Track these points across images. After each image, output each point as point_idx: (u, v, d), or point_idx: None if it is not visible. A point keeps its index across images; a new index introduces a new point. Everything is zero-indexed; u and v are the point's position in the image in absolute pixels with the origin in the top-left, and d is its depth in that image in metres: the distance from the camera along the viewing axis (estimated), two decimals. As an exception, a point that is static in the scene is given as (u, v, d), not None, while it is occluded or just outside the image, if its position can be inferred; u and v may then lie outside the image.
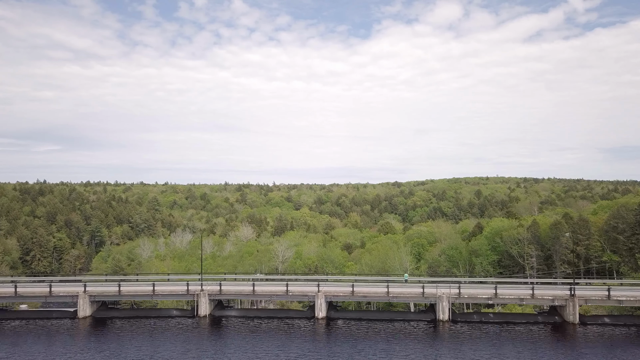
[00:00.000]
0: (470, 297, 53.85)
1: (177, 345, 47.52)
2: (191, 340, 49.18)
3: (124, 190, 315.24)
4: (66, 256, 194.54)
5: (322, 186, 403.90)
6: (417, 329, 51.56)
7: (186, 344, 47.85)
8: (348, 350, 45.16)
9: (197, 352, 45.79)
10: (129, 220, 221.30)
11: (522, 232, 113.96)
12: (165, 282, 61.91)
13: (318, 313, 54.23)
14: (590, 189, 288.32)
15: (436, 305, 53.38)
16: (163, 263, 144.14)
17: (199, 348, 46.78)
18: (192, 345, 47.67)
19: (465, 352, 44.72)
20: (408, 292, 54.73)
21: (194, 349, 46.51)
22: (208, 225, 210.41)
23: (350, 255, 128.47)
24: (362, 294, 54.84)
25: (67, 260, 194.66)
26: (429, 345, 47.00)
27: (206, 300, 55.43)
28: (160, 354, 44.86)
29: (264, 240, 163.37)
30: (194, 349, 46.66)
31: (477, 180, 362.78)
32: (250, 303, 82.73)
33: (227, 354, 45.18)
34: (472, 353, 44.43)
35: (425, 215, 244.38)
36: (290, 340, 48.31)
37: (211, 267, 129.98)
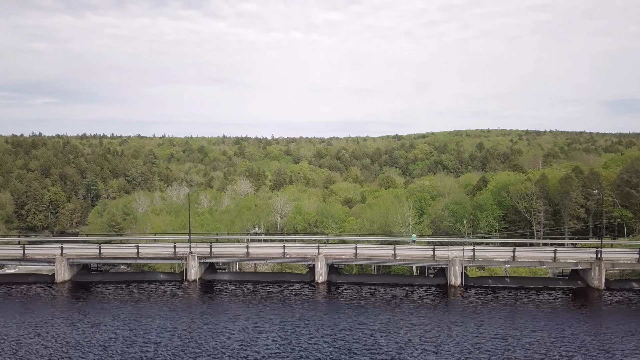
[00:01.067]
0: (486, 260, 48.63)
1: (163, 314, 42.69)
2: (178, 307, 44.29)
3: (121, 143, 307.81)
4: (62, 210, 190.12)
5: (321, 140, 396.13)
6: (427, 295, 46.62)
7: (173, 312, 43.02)
8: (350, 321, 40.32)
9: (185, 321, 40.98)
10: (125, 174, 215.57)
11: (529, 186, 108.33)
12: (152, 243, 56.49)
13: (318, 277, 49.16)
14: (594, 142, 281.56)
15: (447, 269, 48.21)
16: (159, 218, 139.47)
17: (187, 317, 41.96)
18: (179, 313, 42.82)
19: (480, 322, 39.91)
20: (417, 254, 49.44)
21: (182, 318, 41.69)
22: (205, 178, 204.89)
23: (351, 210, 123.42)
24: (366, 257, 49.55)
25: (63, 214, 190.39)
26: (440, 314, 42.15)
27: (195, 263, 50.20)
28: (144, 326, 40.02)
29: (262, 194, 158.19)
30: (182, 317, 41.83)
31: (479, 133, 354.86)
32: (243, 266, 78.19)
33: (217, 324, 40.36)
34: (487, 323, 39.64)
35: (426, 169, 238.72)
36: (287, 309, 43.42)
37: (208, 222, 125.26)
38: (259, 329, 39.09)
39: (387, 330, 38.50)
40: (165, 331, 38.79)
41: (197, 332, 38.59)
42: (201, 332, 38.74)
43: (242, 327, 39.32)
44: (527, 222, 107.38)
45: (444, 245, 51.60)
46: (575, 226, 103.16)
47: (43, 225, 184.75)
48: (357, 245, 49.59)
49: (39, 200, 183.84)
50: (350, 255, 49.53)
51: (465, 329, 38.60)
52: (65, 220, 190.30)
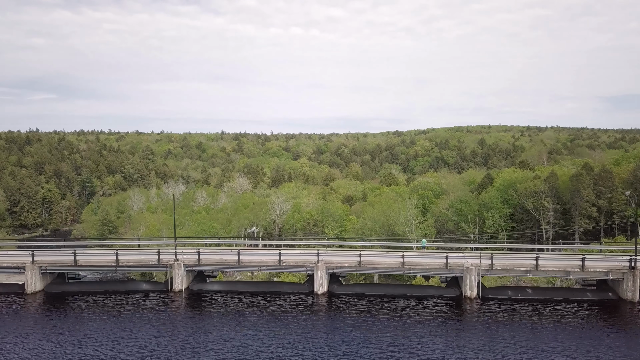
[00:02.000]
0: (505, 269, 43.17)
1: (143, 330, 37.45)
2: (161, 323, 38.99)
3: (118, 139, 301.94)
4: (56, 207, 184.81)
5: (321, 136, 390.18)
6: (439, 308, 41.22)
7: (155, 329, 37.71)
8: (354, 341, 35.04)
9: (167, 340, 35.57)
10: (121, 171, 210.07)
11: (538, 184, 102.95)
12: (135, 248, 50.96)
13: (318, 287, 43.73)
14: (596, 138, 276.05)
15: (462, 279, 42.76)
16: (154, 216, 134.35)
17: (169, 334, 36.60)
18: (161, 330, 37.48)
19: (500, 343, 34.63)
20: (428, 262, 43.97)
21: (164, 336, 36.32)
22: (203, 175, 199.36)
23: (352, 208, 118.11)
24: (371, 265, 44.07)
25: (57, 211, 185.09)
26: (454, 333, 36.81)
27: (182, 272, 44.74)
28: (120, 346, 34.66)
29: (260, 192, 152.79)
30: (164, 335, 36.49)
31: (480, 129, 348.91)
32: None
33: (204, 343, 34.96)
34: (509, 344, 34.39)
35: (427, 165, 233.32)
36: (283, 326, 38.09)
37: (204, 220, 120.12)
38: (251, 350, 33.76)
39: (394, 354, 33.15)
40: (144, 351, 33.51)
41: (180, 353, 33.27)
42: (185, 353, 33.39)
43: (231, 349, 33.94)
44: (535, 222, 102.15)
45: (457, 251, 46.10)
46: (587, 226, 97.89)
47: (37, 223, 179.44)
48: (362, 252, 44.12)
49: (32, 198, 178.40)
50: (354, 264, 44.07)
51: (484, 352, 33.28)
52: (59, 218, 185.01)
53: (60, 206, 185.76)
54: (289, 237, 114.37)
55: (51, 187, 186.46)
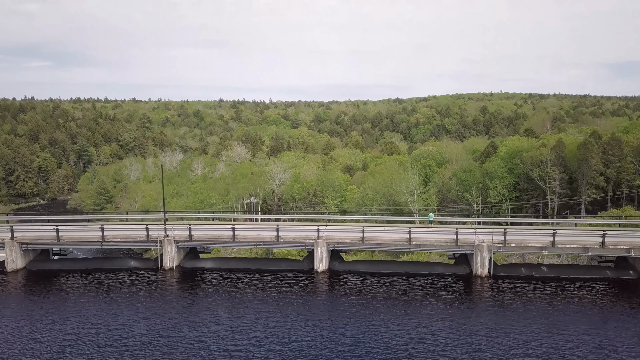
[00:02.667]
0: (519, 246, 39.95)
1: (130, 312, 34.59)
2: (152, 305, 36.07)
3: (114, 107, 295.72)
4: (52, 177, 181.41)
5: (320, 103, 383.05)
6: (448, 288, 38.25)
7: (145, 311, 34.83)
8: (356, 324, 32.23)
9: (158, 323, 32.79)
10: (117, 139, 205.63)
11: (545, 152, 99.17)
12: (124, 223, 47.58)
13: (318, 265, 40.64)
14: (600, 105, 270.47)
15: (473, 256, 39.63)
16: (150, 185, 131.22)
17: (161, 317, 33.75)
18: (152, 312, 34.61)
19: (515, 326, 31.80)
20: (436, 239, 40.72)
21: (155, 319, 33.47)
22: (201, 144, 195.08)
23: (352, 178, 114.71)
24: (374, 241, 40.83)
25: (54, 181, 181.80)
26: (464, 315, 33.90)
27: (172, 248, 41.55)
28: (109, 326, 31.91)
29: (258, 161, 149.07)
30: (155, 318, 33.61)
31: (481, 97, 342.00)
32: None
33: (196, 326, 32.20)
34: (524, 328, 31.55)
35: (428, 133, 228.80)
36: (281, 307, 35.29)
37: (202, 190, 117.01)
38: (246, 334, 30.94)
39: (400, 339, 30.33)
40: (130, 335, 30.75)
41: (170, 337, 30.47)
42: (175, 337, 30.60)
43: (224, 334, 31.14)
44: (540, 191, 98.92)
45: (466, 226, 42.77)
46: (594, 196, 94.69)
47: (33, 192, 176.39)
48: (365, 227, 40.80)
49: (28, 167, 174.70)
50: (356, 240, 40.83)
51: (496, 335, 30.50)
52: (56, 187, 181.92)
53: (57, 175, 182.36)
54: (288, 208, 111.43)
55: (47, 156, 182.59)
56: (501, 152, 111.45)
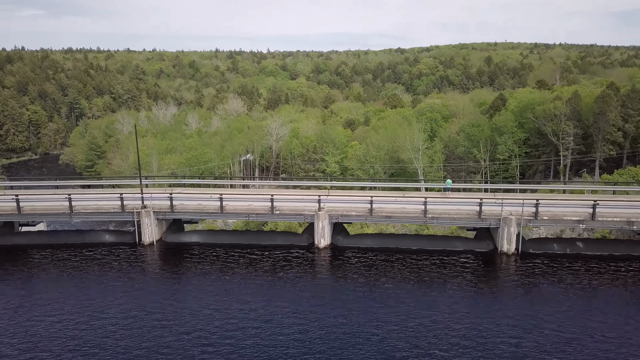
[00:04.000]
0: (552, 219, 34.06)
1: (104, 296, 29.52)
2: (128, 287, 31.01)
3: (107, 57, 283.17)
4: (44, 130, 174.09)
5: (319, 53, 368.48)
6: (468, 267, 32.80)
7: (120, 295, 29.84)
8: (360, 313, 27.03)
9: (136, 308, 27.79)
10: (110, 91, 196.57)
11: (559, 106, 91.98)
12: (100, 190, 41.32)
13: (319, 240, 34.93)
14: (608, 55, 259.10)
15: (497, 230, 33.84)
16: (143, 140, 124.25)
17: (139, 301, 28.72)
18: (128, 296, 29.55)
19: (546, 312, 26.68)
20: (456, 210, 34.76)
21: (132, 303, 28.47)
22: (196, 96, 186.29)
23: (354, 133, 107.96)
24: (384, 213, 34.88)
25: (45, 134, 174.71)
26: (487, 300, 28.85)
27: (152, 220, 35.67)
28: (77, 314, 26.86)
29: (255, 114, 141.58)
30: (131, 302, 28.59)
31: (485, 47, 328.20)
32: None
33: (179, 313, 27.18)
34: (557, 316, 26.29)
35: (431, 85, 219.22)
36: (276, 290, 30.35)
37: (196, 146, 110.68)
38: (236, 325, 25.82)
39: (413, 328, 25.22)
40: (104, 324, 25.76)
41: (149, 327, 25.43)
42: (155, 326, 25.52)
43: (209, 323, 26.11)
44: (552, 148, 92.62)
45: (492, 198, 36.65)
46: (610, 152, 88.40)
47: (24, 146, 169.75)
48: (373, 197, 34.70)
49: (17, 120, 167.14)
50: (363, 212, 34.89)
51: (525, 326, 25.62)
52: (48, 142, 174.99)
53: (48, 129, 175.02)
54: (287, 165, 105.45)
55: (37, 108, 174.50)
56: (511, 105, 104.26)
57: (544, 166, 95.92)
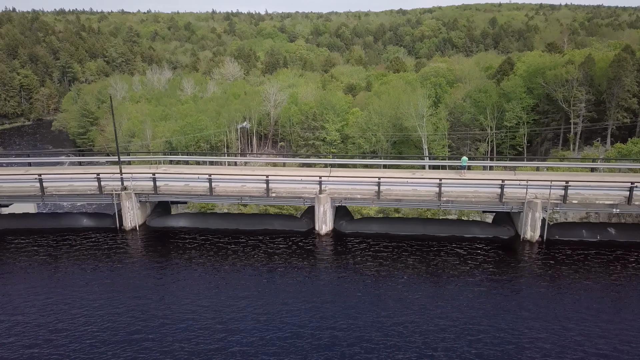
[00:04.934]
0: (583, 203, 30.00)
1: (79, 288, 25.88)
2: (107, 278, 27.28)
3: (100, 19, 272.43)
4: (36, 95, 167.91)
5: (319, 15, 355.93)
6: (487, 256, 28.94)
7: (98, 287, 26.13)
8: (366, 310, 23.53)
9: (115, 303, 24.24)
10: (103, 54, 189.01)
11: (572, 70, 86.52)
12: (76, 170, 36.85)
13: (320, 226, 31.00)
14: (617, 17, 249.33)
15: (519, 215, 29.89)
16: (137, 106, 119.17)
17: (119, 294, 25.20)
18: (107, 289, 25.90)
19: (576, 311, 23.19)
20: (474, 193, 30.65)
21: (111, 298, 24.77)
22: (192, 59, 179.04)
23: (355, 99, 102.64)
24: (394, 196, 30.80)
25: (37, 100, 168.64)
26: (508, 295, 25.48)
27: (133, 203, 31.61)
28: (48, 309, 23.36)
29: (253, 79, 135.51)
30: (111, 297, 24.92)
31: (489, 7, 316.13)
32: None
33: (164, 310, 23.66)
34: (588, 315, 22.79)
35: (434, 48, 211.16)
36: (271, 284, 26.39)
37: (191, 112, 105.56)
38: (225, 324, 22.41)
39: (424, 327, 21.83)
40: (79, 320, 22.32)
41: (131, 325, 21.96)
42: (135, 324, 22.03)
43: (193, 321, 22.55)
44: (562, 114, 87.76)
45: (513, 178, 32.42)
46: (624, 120, 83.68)
47: (17, 112, 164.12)
48: (381, 178, 30.47)
49: (8, 85, 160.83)
50: (370, 195, 30.79)
51: (551, 326, 22.13)
52: (41, 107, 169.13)
53: (40, 94, 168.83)
54: (285, 132, 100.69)
55: (27, 73, 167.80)
56: (520, 69, 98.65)
57: (552, 134, 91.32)
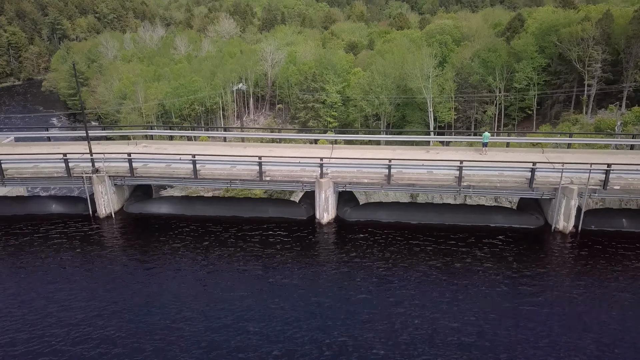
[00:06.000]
0: (626, 190, 25.60)
1: (47, 284, 22.78)
2: (78, 274, 24.00)
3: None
4: (25, 54, 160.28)
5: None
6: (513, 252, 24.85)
7: (69, 283, 23.15)
8: (375, 314, 20.82)
9: (89, 302, 20.91)
10: (94, 10, 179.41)
11: (588, 28, 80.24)
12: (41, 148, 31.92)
13: (321, 214, 26.74)
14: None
15: (552, 203, 25.60)
16: (128, 66, 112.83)
17: (92, 293, 21.87)
18: (79, 285, 22.52)
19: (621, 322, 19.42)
20: (498, 176, 26.16)
21: (84, 297, 21.35)
22: (186, 15, 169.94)
23: (357, 58, 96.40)
24: (406, 181, 26.32)
25: (27, 58, 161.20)
26: (539, 300, 21.45)
27: (108, 188, 27.21)
28: (10, 310, 19.55)
29: (249, 37, 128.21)
30: (83, 295, 21.65)
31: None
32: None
33: (140, 314, 20.53)
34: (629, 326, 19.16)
35: (437, 3, 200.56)
36: (265, 283, 22.91)
37: (185, 72, 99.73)
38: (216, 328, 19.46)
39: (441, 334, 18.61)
40: (48, 321, 19.32)
41: (108, 328, 18.82)
42: (111, 326, 18.72)
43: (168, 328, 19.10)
44: (576, 75, 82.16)
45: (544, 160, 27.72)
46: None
47: (6, 71, 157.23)
48: (392, 161, 25.84)
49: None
50: (378, 179, 26.30)
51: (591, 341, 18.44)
52: (30, 66, 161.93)
53: (30, 52, 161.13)
54: (283, 94, 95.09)
55: (15, 30, 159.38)
56: (531, 27, 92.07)
57: (564, 96, 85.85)
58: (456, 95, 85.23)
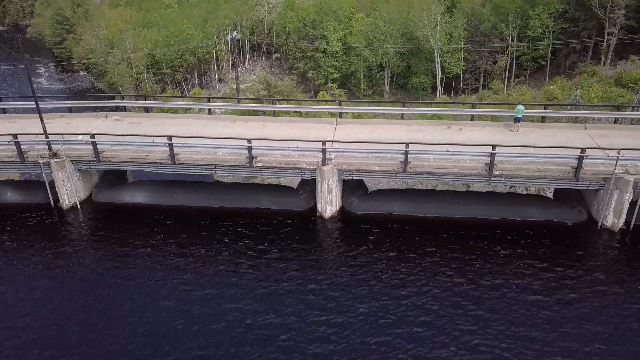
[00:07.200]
0: (691, 182, 20.87)
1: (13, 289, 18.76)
2: (39, 274, 20.01)
3: None
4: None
5: None
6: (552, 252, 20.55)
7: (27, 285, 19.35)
8: (387, 326, 17.19)
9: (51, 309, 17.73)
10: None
11: (612, -31, 72.33)
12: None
13: (323, 207, 22.08)
14: None
15: (599, 195, 21.01)
16: (116, 12, 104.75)
17: (56, 296, 18.70)
18: (40, 287, 19.14)
19: None
20: (537, 164, 21.32)
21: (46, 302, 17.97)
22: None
23: (359, 3, 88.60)
24: (425, 169, 21.48)
25: (11, 2, 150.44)
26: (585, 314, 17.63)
27: (70, 175, 22.45)
28: None
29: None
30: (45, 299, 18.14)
31: None
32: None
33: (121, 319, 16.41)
34: None
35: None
36: (258, 293, 19.21)
37: (176, 19, 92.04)
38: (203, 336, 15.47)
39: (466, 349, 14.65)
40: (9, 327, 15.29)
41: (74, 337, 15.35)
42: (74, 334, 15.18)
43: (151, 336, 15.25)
44: (596, 23, 74.99)
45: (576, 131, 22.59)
46: (667, 30, 71.26)
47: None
48: (409, 147, 20.82)
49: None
50: (392, 167, 21.46)
51: None
52: (15, 10, 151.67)
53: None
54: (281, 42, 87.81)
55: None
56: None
57: (581, 46, 78.94)
58: (465, 44, 78.48)
